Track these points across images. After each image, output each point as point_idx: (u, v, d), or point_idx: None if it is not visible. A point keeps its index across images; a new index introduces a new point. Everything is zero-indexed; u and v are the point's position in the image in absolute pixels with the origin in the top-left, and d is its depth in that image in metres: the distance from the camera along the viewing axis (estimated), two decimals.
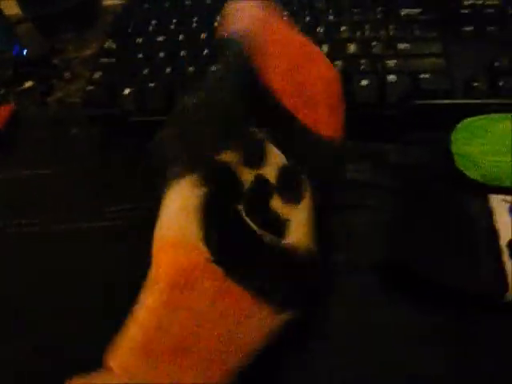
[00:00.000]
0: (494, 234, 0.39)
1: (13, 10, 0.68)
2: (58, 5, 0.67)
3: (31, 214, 0.49)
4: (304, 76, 0.39)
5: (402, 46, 0.52)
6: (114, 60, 0.57)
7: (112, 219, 0.47)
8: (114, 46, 0.59)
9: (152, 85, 0.53)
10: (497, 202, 0.40)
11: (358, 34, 0.54)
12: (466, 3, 0.55)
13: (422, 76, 0.49)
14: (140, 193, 0.48)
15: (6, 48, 0.64)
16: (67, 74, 0.63)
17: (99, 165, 0.53)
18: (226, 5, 0.44)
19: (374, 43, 0.53)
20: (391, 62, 0.51)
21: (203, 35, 0.57)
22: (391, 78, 0.49)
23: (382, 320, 0.38)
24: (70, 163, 0.53)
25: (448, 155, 0.45)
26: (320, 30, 0.55)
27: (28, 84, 0.63)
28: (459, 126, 0.46)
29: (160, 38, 0.58)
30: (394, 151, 0.48)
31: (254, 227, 0.33)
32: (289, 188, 0.35)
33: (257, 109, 0.37)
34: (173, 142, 0.37)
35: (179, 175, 0.34)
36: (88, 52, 0.65)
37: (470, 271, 0.38)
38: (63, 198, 0.50)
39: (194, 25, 0.59)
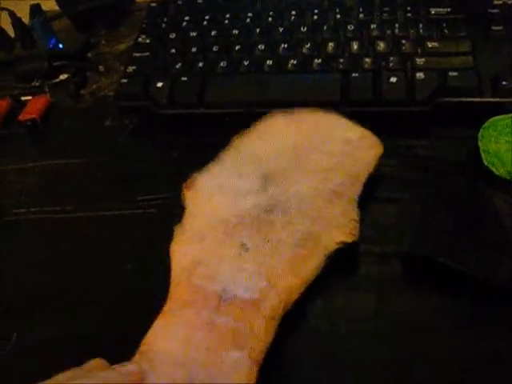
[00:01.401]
0: None
1: (50, 6, 0.70)
2: (93, 1, 0.69)
3: (65, 201, 0.50)
4: None
5: (430, 44, 0.53)
6: (147, 54, 0.59)
7: (144, 207, 0.48)
8: (147, 41, 0.60)
9: (184, 79, 0.55)
10: None
11: (388, 32, 0.55)
12: (495, 2, 0.55)
13: (450, 74, 0.50)
14: (172, 183, 0.49)
15: (44, 42, 0.66)
16: (101, 68, 0.64)
17: (131, 155, 0.54)
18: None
19: (403, 41, 0.53)
20: (420, 60, 0.51)
21: (235, 31, 0.58)
22: (420, 75, 0.50)
23: (406, 308, 0.38)
24: (102, 153, 0.55)
25: (475, 152, 0.45)
26: (350, 27, 0.56)
27: (63, 77, 0.64)
28: (486, 123, 0.47)
29: (193, 34, 0.59)
30: (423, 147, 0.48)
31: None
32: None
33: None
34: None
35: None
36: (121, 47, 0.67)
37: (495, 264, 0.38)
38: (96, 186, 0.52)
39: (226, 21, 0.60)
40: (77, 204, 0.50)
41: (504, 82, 0.49)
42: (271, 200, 0.41)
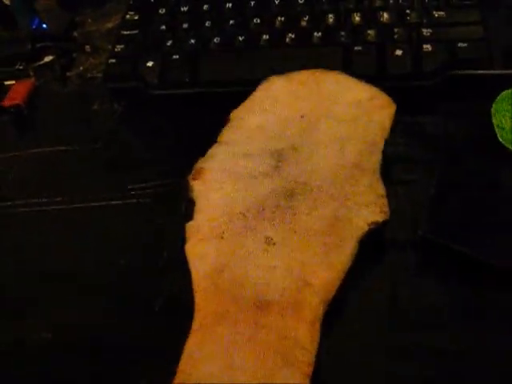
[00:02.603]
0: None
1: None
2: None
3: (52, 192, 0.48)
4: None
5: (437, 14, 0.50)
6: (136, 32, 0.56)
7: (136, 196, 0.46)
8: (136, 18, 0.57)
9: (176, 57, 0.52)
10: None
11: (391, 1, 0.52)
12: None
13: (459, 45, 0.47)
14: (165, 170, 0.47)
15: (26, 22, 0.63)
16: (88, 48, 0.61)
17: (122, 140, 0.52)
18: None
19: (407, 11, 0.51)
20: (427, 31, 0.49)
21: (228, 5, 0.55)
22: (427, 47, 0.47)
23: (421, 297, 0.36)
24: (91, 139, 0.52)
25: (489, 127, 0.43)
26: None
27: (48, 58, 0.61)
28: (499, 97, 0.44)
29: (183, 9, 0.57)
30: (432, 124, 0.46)
31: None
32: None
33: None
34: None
35: None
36: (109, 25, 0.63)
37: (509, 247, 0.36)
38: (85, 175, 0.49)
39: None
40: (65, 195, 0.47)
41: None
42: (289, 183, 0.38)
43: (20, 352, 0.38)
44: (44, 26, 0.64)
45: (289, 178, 0.38)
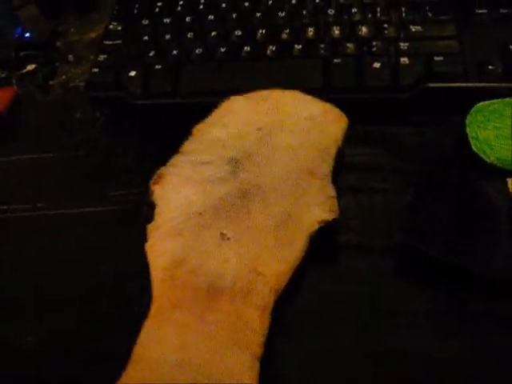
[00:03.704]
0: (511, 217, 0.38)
1: None
2: None
3: (35, 198, 0.48)
4: None
5: (414, 28, 0.51)
6: (119, 42, 0.56)
7: (118, 203, 0.46)
8: (119, 28, 0.58)
9: (158, 67, 0.52)
10: None
11: (370, 16, 0.53)
12: None
13: (435, 58, 0.48)
14: (146, 177, 0.47)
15: (8, 31, 0.63)
16: (71, 57, 0.61)
17: (104, 149, 0.52)
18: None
19: (385, 25, 0.52)
20: (404, 45, 0.50)
21: (210, 17, 0.56)
22: (404, 60, 0.48)
23: (396, 302, 0.37)
24: (73, 147, 0.52)
25: (463, 138, 0.44)
26: (330, 12, 0.54)
27: (30, 67, 0.61)
28: (474, 109, 0.45)
29: (166, 20, 0.57)
30: (409, 134, 0.47)
31: None
32: None
33: None
34: None
35: None
36: (92, 35, 0.64)
37: (487, 254, 0.37)
38: (67, 182, 0.49)
39: (201, 6, 0.58)
40: (47, 201, 0.47)
41: (490, 67, 0.47)
42: (244, 185, 0.40)
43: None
44: (27, 34, 0.64)
45: (243, 181, 0.40)
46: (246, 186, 0.40)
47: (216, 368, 0.32)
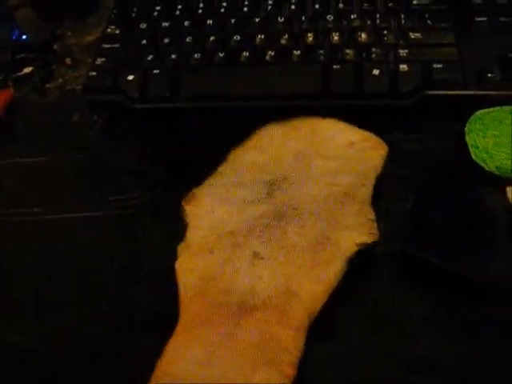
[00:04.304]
0: (510, 224, 0.38)
1: None
2: None
3: (32, 203, 0.48)
4: None
5: (413, 35, 0.51)
6: (117, 45, 0.56)
7: (116, 207, 0.46)
8: (117, 32, 0.58)
9: (156, 71, 0.52)
10: None
11: (369, 22, 0.53)
12: None
13: (434, 66, 0.48)
14: (143, 181, 0.47)
15: (6, 33, 0.62)
16: (68, 60, 0.61)
17: (101, 153, 0.52)
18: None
19: (385, 32, 0.52)
20: (403, 52, 0.50)
21: (209, 21, 0.56)
22: (403, 67, 0.48)
23: (397, 308, 0.37)
24: (70, 151, 0.52)
25: (463, 146, 0.44)
26: (330, 18, 0.54)
27: (27, 70, 0.61)
28: (473, 117, 0.45)
29: (165, 24, 0.57)
30: (408, 142, 0.47)
31: None
32: None
33: None
34: None
35: None
36: (89, 38, 0.63)
37: (486, 261, 0.37)
38: (65, 186, 0.49)
39: (200, 11, 0.57)
40: (45, 206, 0.47)
41: (490, 74, 0.47)
42: (280, 206, 0.39)
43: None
44: (24, 37, 0.64)
45: (280, 203, 0.40)
46: (282, 207, 0.39)
47: None
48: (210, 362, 0.32)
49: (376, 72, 0.48)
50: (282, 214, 0.39)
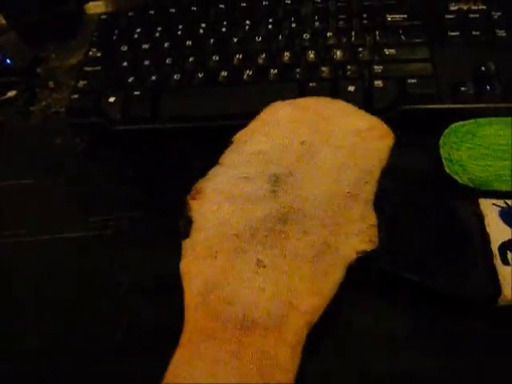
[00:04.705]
0: (485, 238, 0.38)
1: None
2: (41, 14, 0.67)
3: (15, 224, 0.48)
4: None
5: (388, 51, 0.52)
6: (98, 68, 0.57)
7: (98, 229, 0.46)
8: (98, 54, 0.58)
9: (137, 93, 0.53)
10: (487, 205, 0.40)
11: (345, 40, 0.54)
12: (451, 8, 0.55)
13: (409, 81, 0.49)
14: (125, 202, 0.47)
15: None
16: (51, 83, 0.62)
17: (84, 174, 0.52)
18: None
19: (360, 49, 0.53)
20: (378, 68, 0.51)
21: (188, 43, 0.57)
22: (378, 83, 0.49)
23: (373, 323, 0.38)
24: (54, 173, 0.52)
25: (437, 160, 0.44)
26: (306, 36, 0.55)
27: (11, 93, 0.62)
28: (447, 130, 0.46)
29: (145, 46, 0.58)
30: None
31: None
32: None
33: None
34: None
35: None
36: (72, 61, 0.64)
37: (462, 276, 0.37)
38: (48, 207, 0.50)
39: (179, 32, 0.58)
40: (28, 227, 0.48)
41: (463, 88, 0.48)
42: (284, 207, 0.39)
43: None
44: (8, 61, 0.64)
45: (283, 203, 0.39)
46: (285, 208, 0.39)
47: None
48: (215, 379, 0.32)
49: (351, 88, 0.49)
50: (285, 217, 0.39)
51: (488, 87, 0.48)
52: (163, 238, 0.41)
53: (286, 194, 0.40)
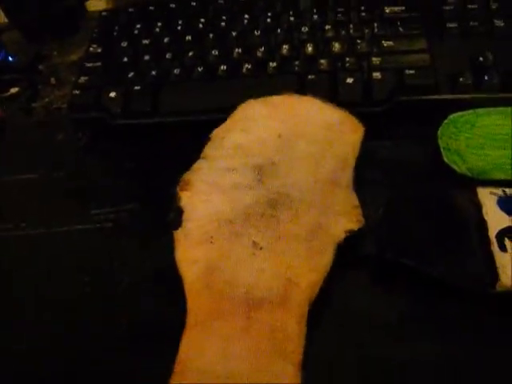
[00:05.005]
0: (482, 225, 0.39)
1: None
2: (42, 12, 0.67)
3: (18, 218, 0.49)
4: None
5: (386, 43, 0.52)
6: (99, 64, 0.57)
7: (99, 221, 0.47)
8: (99, 50, 0.59)
9: (138, 87, 0.53)
10: (485, 194, 0.40)
11: (343, 32, 0.54)
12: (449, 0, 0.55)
13: (407, 72, 0.49)
14: (126, 195, 0.48)
15: None
16: (53, 80, 0.62)
17: (85, 168, 0.53)
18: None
19: (358, 41, 0.53)
20: (376, 60, 0.51)
21: (188, 37, 0.57)
22: (376, 74, 0.49)
23: (372, 313, 0.38)
24: (56, 167, 0.53)
25: (435, 150, 0.44)
26: (304, 29, 0.55)
27: (14, 90, 0.62)
28: (446, 121, 0.46)
29: (145, 41, 0.58)
30: (383, 147, 0.47)
31: None
32: None
33: None
34: None
35: None
36: (73, 57, 0.65)
37: (460, 263, 0.38)
38: (50, 201, 0.50)
39: (179, 27, 0.59)
40: (30, 221, 0.48)
41: (461, 79, 0.48)
42: (272, 194, 0.40)
43: None
44: (10, 58, 0.65)
45: (271, 190, 0.41)
46: (273, 195, 0.40)
47: (261, 379, 0.32)
48: (227, 355, 0.33)
49: (350, 80, 0.49)
50: (274, 202, 0.40)
51: (486, 77, 0.48)
52: (162, 230, 0.41)
53: (272, 182, 0.41)
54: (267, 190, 0.41)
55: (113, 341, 0.39)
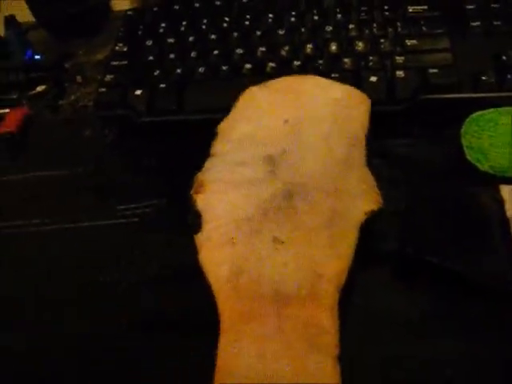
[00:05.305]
0: (505, 223, 0.39)
1: (26, 17, 0.69)
2: (69, 11, 0.68)
3: (45, 213, 0.50)
4: None
5: (409, 42, 0.52)
6: (125, 62, 0.58)
7: (125, 217, 0.47)
8: (125, 49, 0.60)
9: (163, 86, 0.54)
10: (507, 191, 0.41)
11: (367, 31, 0.55)
12: None
13: (430, 71, 0.49)
14: (152, 191, 0.49)
15: (20, 54, 0.65)
16: (79, 78, 0.63)
17: (112, 165, 0.54)
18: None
19: (381, 40, 0.53)
20: (399, 59, 0.51)
21: (213, 36, 0.58)
22: (400, 73, 0.50)
23: (394, 309, 0.38)
24: (82, 164, 0.54)
25: (458, 149, 0.45)
26: (328, 28, 0.55)
27: (40, 88, 0.63)
28: (468, 119, 0.46)
29: (170, 40, 0.59)
30: (406, 146, 0.48)
31: None
32: None
33: None
34: None
35: None
36: (99, 56, 0.66)
37: (483, 260, 0.38)
38: (77, 197, 0.51)
39: (204, 26, 0.60)
40: (57, 216, 0.49)
41: (484, 77, 0.48)
42: (286, 185, 0.39)
43: None
44: (37, 56, 0.66)
45: (285, 181, 0.40)
46: (287, 185, 0.39)
47: (301, 376, 0.32)
48: (264, 356, 0.33)
49: (373, 79, 0.50)
50: (289, 193, 0.39)
51: (509, 76, 0.48)
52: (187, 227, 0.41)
53: (285, 172, 0.41)
54: (281, 181, 0.40)
55: (112, 343, 0.39)
